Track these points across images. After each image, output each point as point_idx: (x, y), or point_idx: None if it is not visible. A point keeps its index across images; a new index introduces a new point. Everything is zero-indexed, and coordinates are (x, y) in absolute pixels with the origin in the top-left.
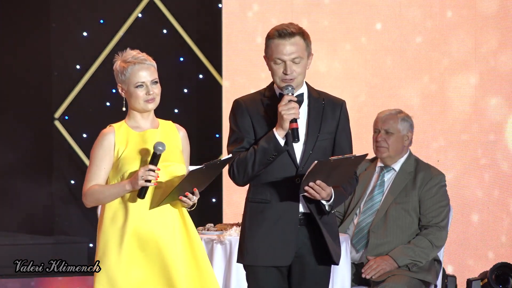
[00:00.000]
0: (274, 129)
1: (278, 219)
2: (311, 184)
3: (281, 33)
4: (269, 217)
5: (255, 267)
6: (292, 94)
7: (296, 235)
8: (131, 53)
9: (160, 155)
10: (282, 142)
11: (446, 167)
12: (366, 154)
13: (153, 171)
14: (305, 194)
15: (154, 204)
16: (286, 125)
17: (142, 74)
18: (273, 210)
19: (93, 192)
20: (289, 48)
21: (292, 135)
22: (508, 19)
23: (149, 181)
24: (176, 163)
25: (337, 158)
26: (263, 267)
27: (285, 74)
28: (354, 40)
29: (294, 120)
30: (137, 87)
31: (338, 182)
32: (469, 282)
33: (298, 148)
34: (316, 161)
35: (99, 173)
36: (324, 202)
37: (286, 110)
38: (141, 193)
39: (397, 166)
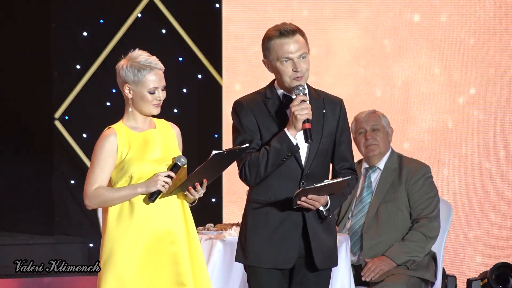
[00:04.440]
0: (286, 129)
1: (282, 221)
2: (303, 198)
3: (282, 32)
4: (272, 219)
5: (257, 268)
6: (305, 95)
7: (299, 238)
8: (144, 55)
9: (180, 167)
10: (295, 142)
11: (447, 167)
12: (349, 178)
13: (171, 178)
14: (299, 206)
15: (167, 193)
16: (299, 125)
17: (156, 80)
18: (278, 212)
19: (99, 195)
20: (294, 45)
21: (305, 135)
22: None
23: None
24: None
25: (321, 185)
26: (266, 268)
27: (296, 71)
28: (354, 41)
29: (307, 120)
30: (150, 92)
31: (331, 193)
32: (469, 282)
33: (303, 150)
34: (299, 189)
35: (102, 175)
36: (321, 208)
37: (300, 110)
38: (154, 196)
39: (381, 164)
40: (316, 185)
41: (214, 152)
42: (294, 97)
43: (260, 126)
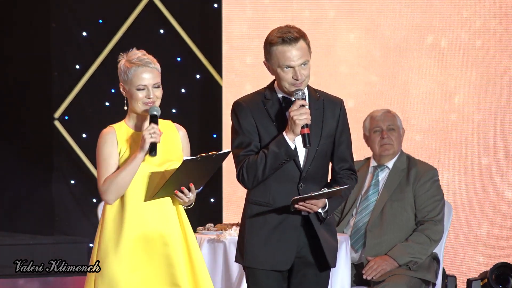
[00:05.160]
0: (284, 133)
1: (280, 223)
2: (300, 202)
3: (285, 39)
4: (270, 221)
5: (255, 269)
6: (304, 99)
7: (296, 239)
8: (137, 54)
9: (157, 116)
10: (293, 146)
11: (447, 167)
12: (347, 187)
13: (154, 129)
14: (297, 209)
15: (148, 196)
16: (298, 130)
17: (145, 77)
18: (275, 214)
19: (110, 183)
20: (295, 53)
21: (304, 140)
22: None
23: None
24: (177, 162)
25: (317, 193)
26: (263, 270)
27: (296, 79)
28: (354, 40)
29: (306, 125)
30: (138, 89)
31: (328, 197)
32: (469, 282)
33: (301, 152)
34: (296, 197)
35: (110, 169)
36: (319, 210)
37: (298, 115)
38: (152, 151)
39: (390, 164)
40: (313, 194)
41: (184, 158)
42: (293, 99)
43: (258, 128)
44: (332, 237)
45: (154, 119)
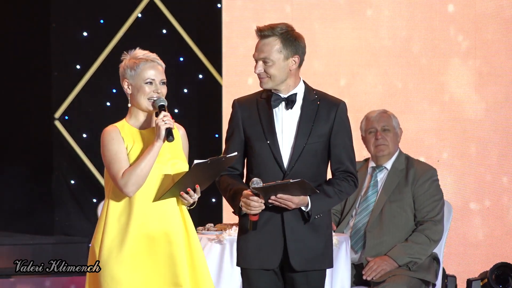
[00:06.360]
0: (241, 200)
1: (266, 222)
2: (272, 198)
3: (256, 32)
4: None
5: (247, 269)
6: (257, 195)
7: (282, 239)
8: (142, 52)
9: (164, 106)
10: (240, 213)
11: (447, 167)
12: (299, 180)
13: (166, 116)
14: (273, 205)
15: (156, 197)
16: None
17: (153, 72)
18: (262, 213)
19: (129, 175)
20: (257, 47)
21: (251, 226)
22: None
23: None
24: (181, 160)
25: (269, 185)
26: (254, 269)
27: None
28: (354, 40)
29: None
30: (146, 83)
31: (297, 194)
32: (469, 282)
33: (285, 152)
34: (249, 189)
35: (123, 163)
36: (303, 208)
37: (246, 206)
38: (169, 135)
39: (388, 164)
40: (264, 185)
41: (195, 161)
42: (282, 96)
43: (245, 127)
44: (317, 238)
45: (163, 109)
